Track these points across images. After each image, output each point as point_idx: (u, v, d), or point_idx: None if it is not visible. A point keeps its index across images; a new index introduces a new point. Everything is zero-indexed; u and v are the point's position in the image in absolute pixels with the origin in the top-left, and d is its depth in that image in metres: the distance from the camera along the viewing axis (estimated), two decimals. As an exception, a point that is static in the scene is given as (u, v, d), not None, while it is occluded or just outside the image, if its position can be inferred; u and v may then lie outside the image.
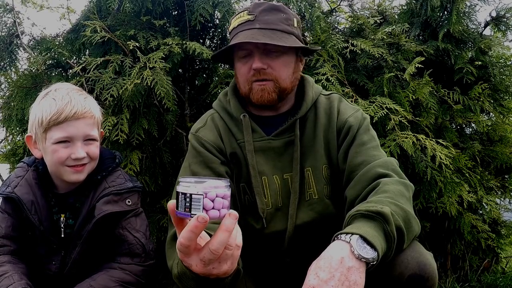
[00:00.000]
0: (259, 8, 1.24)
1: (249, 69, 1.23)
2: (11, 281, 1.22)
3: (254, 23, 1.22)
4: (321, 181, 1.26)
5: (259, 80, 1.23)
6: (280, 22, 1.24)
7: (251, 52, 1.23)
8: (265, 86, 1.23)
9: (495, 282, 2.35)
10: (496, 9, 2.47)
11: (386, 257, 0.93)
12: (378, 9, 2.71)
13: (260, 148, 1.27)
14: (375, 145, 1.26)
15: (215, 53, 1.36)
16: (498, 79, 2.40)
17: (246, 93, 1.27)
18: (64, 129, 1.27)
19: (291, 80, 1.27)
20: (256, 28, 1.21)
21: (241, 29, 1.24)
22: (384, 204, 0.98)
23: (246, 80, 1.25)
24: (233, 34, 1.26)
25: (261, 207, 1.24)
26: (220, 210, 0.74)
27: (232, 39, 1.25)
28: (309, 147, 1.28)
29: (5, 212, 1.36)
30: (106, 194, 1.33)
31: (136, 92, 1.88)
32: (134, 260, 1.35)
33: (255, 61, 1.21)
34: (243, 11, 1.26)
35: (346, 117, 1.29)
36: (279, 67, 1.23)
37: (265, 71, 1.22)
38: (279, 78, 1.23)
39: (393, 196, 1.04)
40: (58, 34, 2.42)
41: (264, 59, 1.21)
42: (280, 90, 1.25)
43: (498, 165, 2.40)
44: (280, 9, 1.26)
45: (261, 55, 1.21)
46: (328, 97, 1.35)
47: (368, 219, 0.94)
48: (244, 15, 1.25)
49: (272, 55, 1.22)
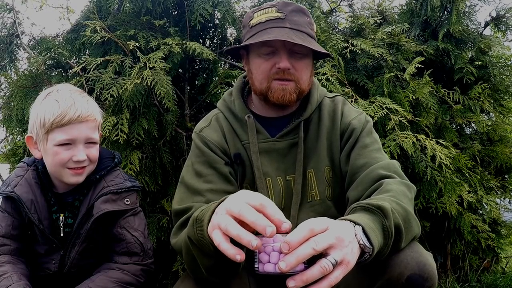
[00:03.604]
0: (289, 8, 1.23)
1: (271, 66, 1.22)
2: (10, 281, 1.22)
3: (285, 22, 1.21)
4: (323, 183, 1.26)
5: (281, 79, 1.22)
6: (306, 25, 1.24)
7: (275, 50, 1.21)
8: (286, 86, 1.22)
9: (495, 282, 2.35)
10: (496, 9, 2.47)
11: (381, 253, 0.92)
12: (378, 9, 2.71)
13: (265, 150, 1.27)
14: (377, 148, 1.26)
15: (234, 47, 1.33)
16: (498, 79, 2.40)
17: (263, 91, 1.25)
18: (67, 131, 1.27)
19: (308, 82, 1.27)
20: (288, 28, 1.20)
21: (270, 25, 1.21)
22: (385, 201, 0.98)
23: (266, 77, 1.23)
24: (260, 28, 1.23)
25: None
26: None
27: (258, 34, 1.22)
28: (312, 149, 1.28)
29: (5, 211, 1.37)
30: (105, 193, 1.34)
31: (136, 92, 1.88)
32: (133, 259, 1.35)
33: (283, 61, 1.20)
34: (269, 7, 1.24)
35: (350, 119, 1.29)
36: (301, 69, 1.23)
37: (289, 72, 1.21)
38: (300, 79, 1.23)
39: (396, 195, 1.04)
40: (58, 34, 2.42)
41: (289, 59, 1.21)
42: (299, 91, 1.24)
43: (498, 165, 2.40)
44: (305, 13, 1.26)
45: (287, 54, 1.21)
46: (333, 99, 1.35)
47: (368, 212, 0.94)
48: (273, 12, 1.23)
49: (296, 56, 1.22)
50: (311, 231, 0.78)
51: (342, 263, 0.80)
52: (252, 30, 1.25)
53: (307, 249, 0.76)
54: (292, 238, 0.76)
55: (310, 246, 0.76)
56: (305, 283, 0.77)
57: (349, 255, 0.81)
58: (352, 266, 0.82)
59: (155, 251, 1.45)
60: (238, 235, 0.77)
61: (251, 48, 1.27)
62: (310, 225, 0.79)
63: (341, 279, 0.80)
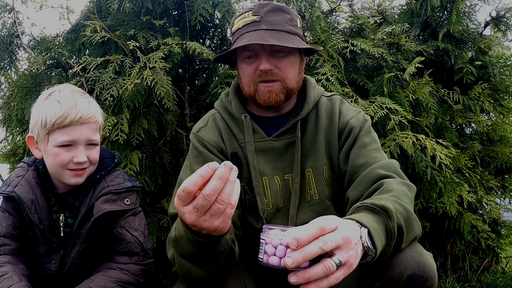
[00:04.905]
0: (264, 9, 1.23)
1: (254, 70, 1.23)
2: (10, 282, 1.22)
3: (260, 24, 1.22)
4: (321, 183, 1.26)
5: (266, 81, 1.22)
6: (285, 22, 1.23)
7: (257, 53, 1.22)
8: (272, 88, 1.22)
9: (495, 282, 2.35)
10: (496, 9, 2.47)
11: (383, 254, 0.92)
12: (378, 9, 2.71)
13: (261, 149, 1.27)
14: (376, 147, 1.26)
15: (219, 55, 1.35)
16: (498, 79, 2.40)
17: (251, 94, 1.26)
18: (68, 133, 1.27)
19: (296, 80, 1.27)
20: (263, 29, 1.20)
21: (246, 30, 1.23)
22: (388, 201, 0.98)
23: (251, 81, 1.24)
24: (238, 34, 1.25)
25: (262, 207, 1.24)
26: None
27: (237, 40, 1.24)
28: (310, 148, 1.28)
29: (6, 211, 1.37)
30: (105, 193, 1.34)
31: (136, 92, 1.88)
32: (133, 259, 1.35)
33: (263, 63, 1.20)
34: (247, 12, 1.25)
35: (348, 118, 1.28)
36: (285, 67, 1.23)
37: (272, 72, 1.22)
38: (286, 78, 1.23)
39: (397, 195, 1.03)
40: (58, 34, 2.42)
41: (270, 60, 1.21)
42: (287, 90, 1.25)
43: (498, 165, 2.40)
44: (284, 10, 1.25)
45: (267, 56, 1.21)
46: (330, 98, 1.35)
47: (372, 213, 0.93)
48: (249, 16, 1.24)
49: (278, 55, 1.22)
50: (321, 230, 0.77)
51: (345, 264, 0.79)
52: (234, 36, 1.28)
53: (315, 248, 0.75)
54: (302, 235, 0.75)
55: (318, 245, 0.76)
56: (306, 281, 0.77)
57: (353, 257, 0.80)
58: (354, 268, 0.81)
59: (155, 251, 1.45)
60: (190, 179, 0.78)
61: (237, 54, 1.28)
62: (321, 223, 0.78)
63: (341, 280, 0.79)
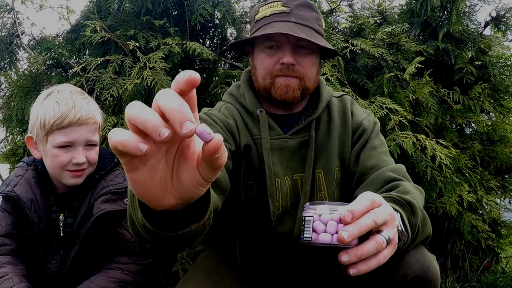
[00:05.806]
0: (295, 2, 1.19)
1: (275, 62, 1.17)
2: (11, 283, 1.22)
3: (290, 16, 1.17)
4: (332, 185, 1.22)
5: (286, 75, 1.17)
6: (313, 20, 1.20)
7: (280, 44, 1.17)
8: (290, 82, 1.16)
9: (495, 282, 2.35)
10: (496, 9, 2.47)
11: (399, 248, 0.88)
12: (378, 9, 2.71)
13: (277, 147, 1.21)
14: (385, 151, 1.24)
15: (237, 41, 1.30)
16: (498, 79, 2.40)
17: (266, 87, 1.20)
18: (67, 134, 1.26)
19: (314, 80, 1.23)
20: (292, 22, 1.16)
21: (274, 19, 1.17)
22: (411, 198, 0.97)
23: (269, 73, 1.18)
24: (264, 22, 1.19)
25: (273, 210, 1.19)
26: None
27: (263, 27, 1.18)
28: (322, 148, 1.24)
29: (5, 211, 1.37)
30: (105, 193, 1.34)
31: (136, 92, 1.88)
32: (133, 259, 1.35)
33: (287, 55, 1.15)
34: (275, 1, 1.20)
35: (361, 119, 1.26)
36: (307, 65, 1.18)
37: (294, 68, 1.16)
38: (305, 76, 1.18)
39: (415, 197, 1.02)
40: (58, 34, 2.42)
41: (294, 55, 1.17)
42: (304, 88, 1.19)
43: (498, 165, 2.40)
44: (312, 8, 1.22)
45: (291, 50, 1.16)
46: (340, 98, 1.32)
47: (398, 205, 0.91)
48: (278, 6, 1.19)
49: (301, 52, 1.17)
50: (373, 203, 0.75)
51: (391, 242, 0.77)
52: (257, 24, 1.22)
53: (369, 221, 0.72)
54: (356, 207, 0.72)
55: (371, 218, 0.73)
56: (358, 259, 0.73)
57: (396, 235, 0.78)
58: (395, 249, 0.78)
59: (153, 250, 1.45)
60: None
61: (255, 42, 1.23)
62: (372, 196, 0.76)
63: (387, 259, 0.76)
